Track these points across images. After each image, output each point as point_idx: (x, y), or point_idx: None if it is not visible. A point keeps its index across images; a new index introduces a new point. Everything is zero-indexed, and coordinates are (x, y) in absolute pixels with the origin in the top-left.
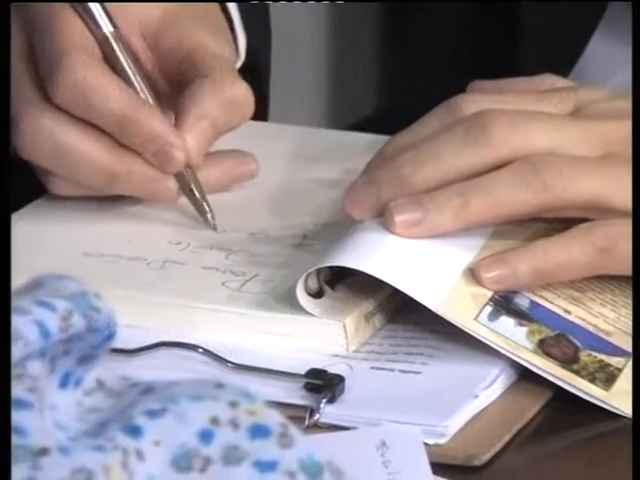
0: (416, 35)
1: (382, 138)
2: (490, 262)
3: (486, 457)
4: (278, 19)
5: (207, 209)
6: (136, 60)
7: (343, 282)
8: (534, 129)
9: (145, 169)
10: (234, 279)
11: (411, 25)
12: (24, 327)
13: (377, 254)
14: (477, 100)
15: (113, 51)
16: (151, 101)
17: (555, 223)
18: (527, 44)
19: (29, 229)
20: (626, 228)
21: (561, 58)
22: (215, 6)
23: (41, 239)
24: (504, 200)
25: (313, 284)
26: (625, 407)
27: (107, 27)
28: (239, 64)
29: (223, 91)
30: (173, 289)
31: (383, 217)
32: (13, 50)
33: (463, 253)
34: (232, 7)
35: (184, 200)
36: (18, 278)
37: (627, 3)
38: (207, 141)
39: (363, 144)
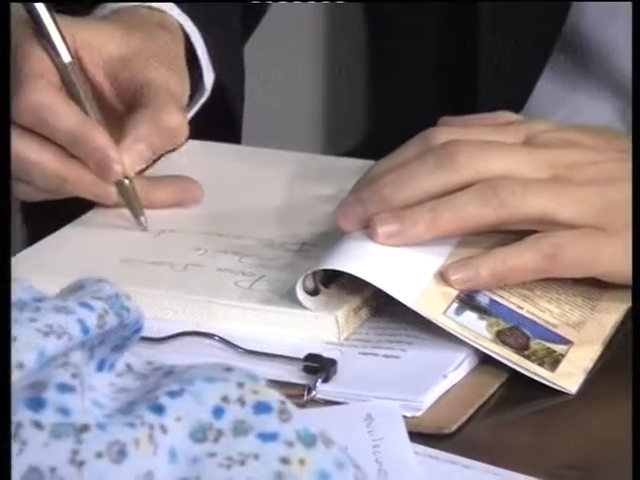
0: (395, 79)
1: (368, 162)
2: (456, 266)
3: (454, 427)
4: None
5: (139, 212)
6: (92, 87)
7: (335, 282)
8: (492, 156)
9: (90, 176)
10: (245, 279)
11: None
12: (69, 325)
13: (363, 259)
14: (446, 132)
15: (70, 78)
16: (98, 122)
17: (511, 234)
18: (487, 90)
19: (77, 238)
20: (569, 238)
21: (514, 98)
22: (179, 46)
23: (87, 246)
24: (468, 215)
25: (310, 284)
26: (567, 385)
27: (65, 57)
28: (204, 97)
29: (159, 120)
30: (193, 287)
31: (368, 229)
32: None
33: (434, 258)
34: (199, 47)
35: (201, 216)
36: (66, 280)
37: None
38: (142, 159)
39: (352, 167)
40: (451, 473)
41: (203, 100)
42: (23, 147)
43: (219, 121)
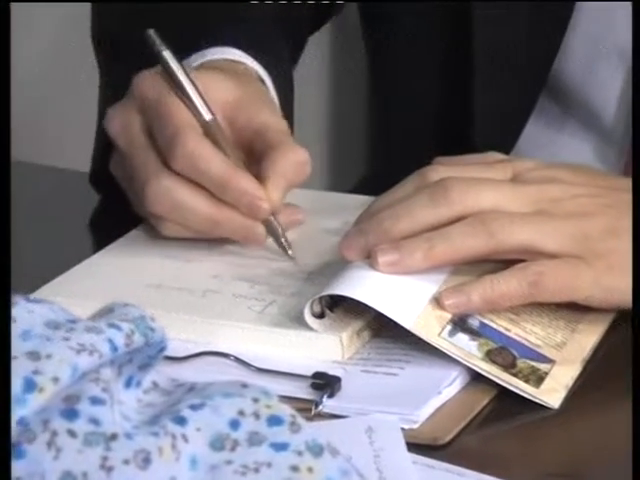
0: (395, 124)
1: (369, 198)
2: (450, 292)
3: (448, 438)
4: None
5: (288, 246)
6: (228, 136)
7: (339, 306)
8: (482, 192)
9: (240, 218)
10: (257, 304)
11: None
12: (99, 344)
13: (365, 285)
14: (440, 170)
15: (213, 132)
16: (242, 167)
17: (499, 263)
18: (479, 134)
19: (106, 265)
20: (551, 267)
21: (504, 141)
22: (267, 91)
23: (115, 273)
24: (460, 246)
25: (317, 308)
26: (550, 400)
27: (206, 114)
28: None
29: (291, 157)
30: (211, 311)
31: (370, 258)
32: (131, 124)
33: (430, 285)
34: (272, 92)
35: (218, 247)
36: (97, 305)
37: (554, 97)
38: (284, 194)
39: (355, 203)
40: None
41: None
42: (179, 192)
43: None
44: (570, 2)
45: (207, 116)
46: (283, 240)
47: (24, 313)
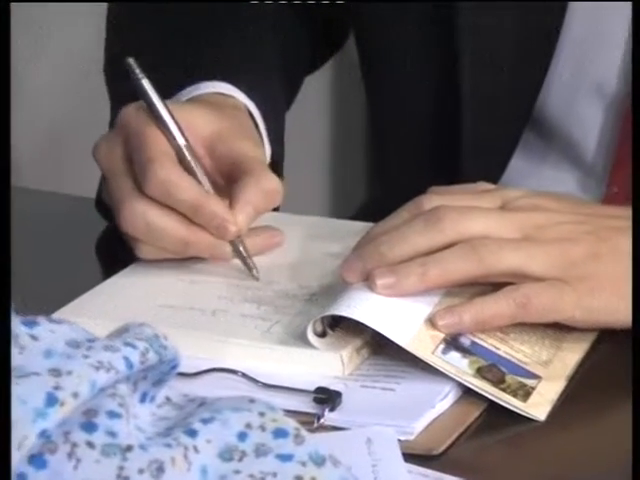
0: (392, 158)
1: (368, 225)
2: (443, 313)
3: (441, 449)
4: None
5: (252, 266)
6: (201, 162)
7: (340, 326)
8: (473, 219)
9: (209, 238)
10: (263, 323)
11: (390, 156)
12: (116, 361)
13: (364, 307)
14: (434, 199)
15: (186, 157)
16: (212, 191)
17: (488, 286)
18: (469, 165)
19: (121, 287)
20: (537, 289)
21: (492, 172)
22: (251, 124)
23: (130, 294)
24: (452, 270)
25: (319, 327)
26: (537, 413)
27: (181, 140)
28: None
29: (262, 185)
30: (220, 330)
31: (368, 281)
32: (113, 151)
33: (424, 306)
34: (261, 125)
35: (227, 270)
36: (113, 324)
37: (538, 131)
38: (251, 219)
39: (355, 229)
40: None
41: None
42: (153, 216)
43: None
44: (553, 39)
45: (181, 141)
46: (248, 260)
47: (46, 332)
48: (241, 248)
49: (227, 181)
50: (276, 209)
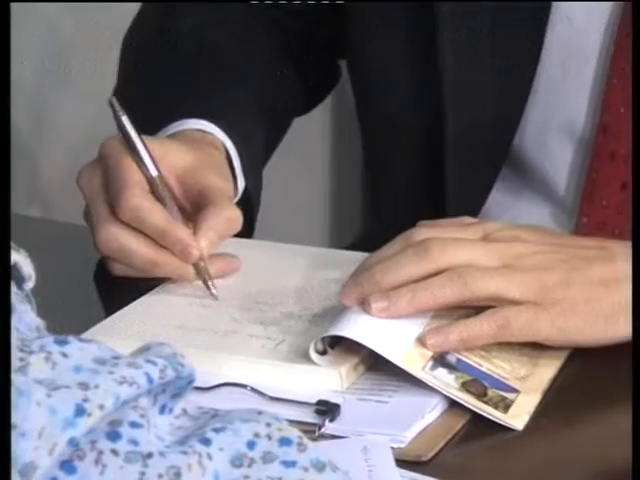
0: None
1: (364, 254)
2: (431, 333)
3: (430, 455)
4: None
5: (211, 286)
6: (170, 191)
7: (339, 345)
8: (458, 249)
9: (174, 260)
10: (269, 342)
11: (383, 193)
12: (138, 377)
13: (360, 327)
14: (423, 231)
15: (157, 186)
16: (179, 218)
17: (471, 309)
18: (453, 201)
19: (142, 311)
20: (515, 312)
21: (473, 206)
22: (224, 159)
23: (150, 317)
24: (439, 295)
25: (320, 346)
26: (515, 423)
27: (153, 171)
28: (237, 198)
29: (223, 214)
30: (231, 349)
31: (364, 305)
32: (93, 178)
33: (414, 327)
34: (235, 160)
35: (236, 294)
36: (136, 344)
37: (514, 168)
38: (213, 244)
39: (352, 258)
40: None
41: (237, 199)
42: (124, 238)
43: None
44: (527, 85)
45: (153, 172)
46: (209, 281)
47: (76, 350)
48: (203, 270)
49: (195, 209)
50: (240, 235)
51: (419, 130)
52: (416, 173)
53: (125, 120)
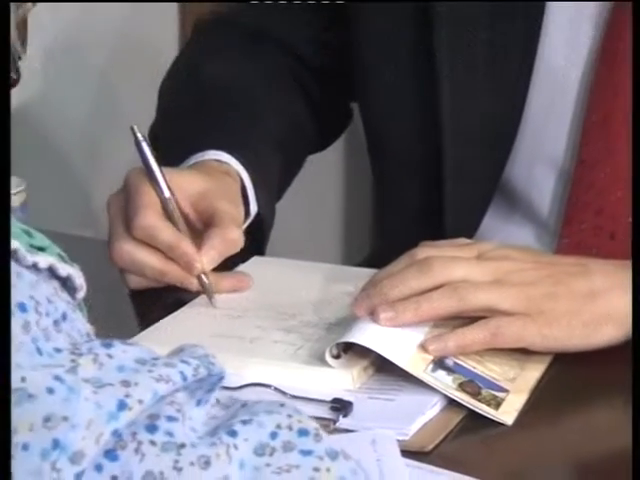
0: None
1: (373, 271)
2: (432, 340)
3: (430, 446)
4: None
5: (212, 296)
6: (181, 212)
7: (351, 350)
8: (455, 267)
9: (180, 272)
10: (290, 348)
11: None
12: (173, 375)
13: (370, 335)
14: (425, 251)
15: (169, 207)
16: (186, 235)
17: (467, 319)
18: (451, 225)
19: (180, 320)
20: (506, 322)
21: (468, 229)
22: (237, 186)
23: (187, 325)
24: (439, 306)
25: (335, 351)
26: (506, 419)
27: (166, 193)
28: (249, 221)
29: (225, 235)
30: (256, 353)
31: (373, 315)
32: (116, 202)
33: (417, 335)
34: (249, 187)
35: (262, 306)
36: (173, 346)
37: (504, 196)
38: (213, 260)
39: (363, 274)
40: (430, 479)
41: (249, 222)
42: (138, 252)
43: (253, 238)
44: (516, 124)
45: (166, 194)
46: (209, 292)
47: (120, 352)
48: (205, 282)
49: (205, 229)
50: (251, 253)
51: (421, 164)
52: (419, 201)
53: (144, 146)
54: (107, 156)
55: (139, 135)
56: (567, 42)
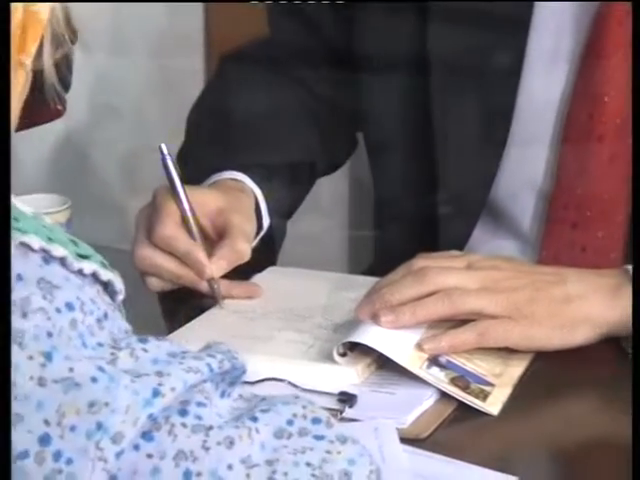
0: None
1: (375, 279)
2: (427, 340)
3: (426, 434)
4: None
5: (219, 300)
6: (199, 225)
7: (356, 348)
8: (448, 275)
9: (193, 276)
10: (303, 346)
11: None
12: (201, 366)
13: (372, 335)
14: (420, 262)
15: (187, 219)
16: (200, 244)
17: (459, 322)
18: (444, 239)
19: (205, 323)
20: (492, 324)
21: (459, 243)
22: (250, 203)
23: (211, 327)
24: (433, 311)
25: (341, 349)
26: (492, 410)
27: (186, 206)
28: (262, 233)
29: (233, 246)
30: (272, 351)
31: (375, 318)
32: (142, 214)
33: (414, 335)
34: (262, 204)
35: (277, 309)
36: (201, 344)
37: (490, 214)
38: (223, 269)
39: (366, 282)
40: (426, 462)
41: (262, 234)
42: (157, 257)
43: (266, 249)
44: (500, 148)
45: (186, 206)
46: (218, 296)
47: (154, 347)
48: (215, 287)
49: (218, 240)
50: (263, 262)
51: (417, 186)
52: (416, 218)
53: (169, 163)
54: (141, 178)
55: (165, 152)
56: (546, 75)
